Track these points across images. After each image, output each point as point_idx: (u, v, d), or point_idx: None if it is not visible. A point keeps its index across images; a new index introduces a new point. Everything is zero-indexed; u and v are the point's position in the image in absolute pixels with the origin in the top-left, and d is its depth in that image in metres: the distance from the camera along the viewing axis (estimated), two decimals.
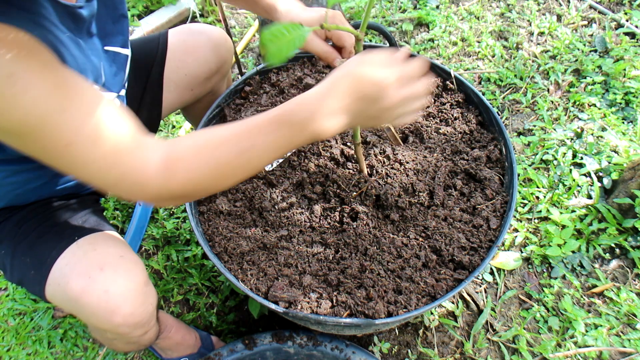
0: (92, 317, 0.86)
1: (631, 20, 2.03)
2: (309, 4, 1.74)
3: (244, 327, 1.41)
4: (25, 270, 0.90)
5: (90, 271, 0.84)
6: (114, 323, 0.85)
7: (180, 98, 1.23)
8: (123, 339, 0.94)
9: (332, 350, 1.08)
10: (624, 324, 1.33)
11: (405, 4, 2.22)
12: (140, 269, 0.90)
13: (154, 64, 1.16)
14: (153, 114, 1.21)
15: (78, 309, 0.86)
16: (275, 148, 0.70)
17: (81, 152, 0.64)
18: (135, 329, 0.89)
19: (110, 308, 0.84)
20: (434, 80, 1.23)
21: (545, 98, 1.83)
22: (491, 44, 2.02)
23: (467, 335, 1.35)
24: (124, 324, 0.86)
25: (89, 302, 0.83)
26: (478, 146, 1.13)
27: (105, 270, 0.85)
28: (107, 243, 0.91)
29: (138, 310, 0.87)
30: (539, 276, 1.44)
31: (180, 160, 0.69)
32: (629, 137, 1.67)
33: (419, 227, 1.01)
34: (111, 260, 0.87)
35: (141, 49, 1.15)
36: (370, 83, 0.67)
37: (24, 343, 1.44)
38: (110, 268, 0.85)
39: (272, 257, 0.98)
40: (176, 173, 0.68)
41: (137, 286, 0.87)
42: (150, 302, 0.91)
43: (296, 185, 1.09)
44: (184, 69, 1.17)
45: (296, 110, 0.69)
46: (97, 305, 0.83)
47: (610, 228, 1.45)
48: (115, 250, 0.90)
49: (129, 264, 0.88)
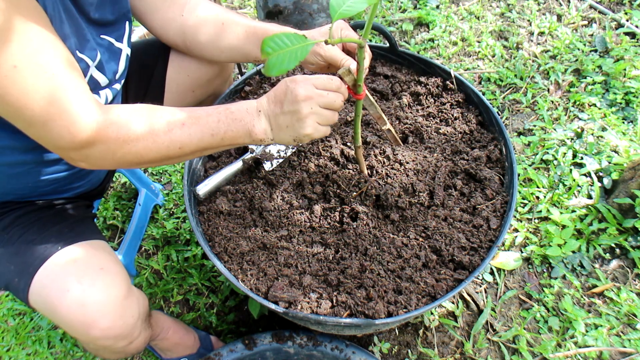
0: (70, 330, 0.86)
1: (631, 20, 2.03)
2: (309, 4, 1.74)
3: (244, 327, 1.41)
4: (10, 276, 0.90)
5: (68, 284, 0.84)
6: (91, 336, 0.85)
7: (181, 99, 1.23)
8: (107, 349, 0.94)
9: (332, 350, 1.08)
10: (624, 324, 1.33)
11: (405, 3, 2.21)
12: (120, 281, 0.89)
13: (157, 64, 1.16)
14: None
15: (57, 320, 0.86)
16: (211, 135, 0.80)
17: (25, 78, 0.65)
18: (117, 341, 0.88)
19: (87, 321, 0.83)
20: (434, 80, 1.23)
21: (546, 98, 1.83)
22: (491, 44, 2.02)
23: (467, 335, 1.35)
24: (103, 337, 0.86)
25: (66, 315, 0.83)
26: (478, 146, 1.13)
27: (83, 283, 0.84)
28: (89, 254, 0.90)
29: (117, 324, 0.86)
30: (539, 276, 1.44)
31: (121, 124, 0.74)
32: (629, 137, 1.67)
33: (419, 227, 1.01)
34: (90, 272, 0.86)
35: (145, 49, 1.15)
36: (288, 92, 0.80)
37: (24, 343, 1.44)
38: (88, 281, 0.85)
39: (272, 257, 0.98)
40: (115, 133, 0.74)
41: (116, 299, 0.86)
42: (130, 314, 0.90)
43: (296, 185, 1.09)
44: (187, 70, 1.17)
45: (235, 106, 0.82)
46: (74, 318, 0.83)
47: (610, 228, 1.45)
48: (96, 261, 0.89)
49: (108, 277, 0.87)
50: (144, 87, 1.17)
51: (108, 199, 1.70)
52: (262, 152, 1.12)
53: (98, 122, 0.72)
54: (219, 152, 1.18)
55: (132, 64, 1.12)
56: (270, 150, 1.13)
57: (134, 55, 1.06)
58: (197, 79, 1.20)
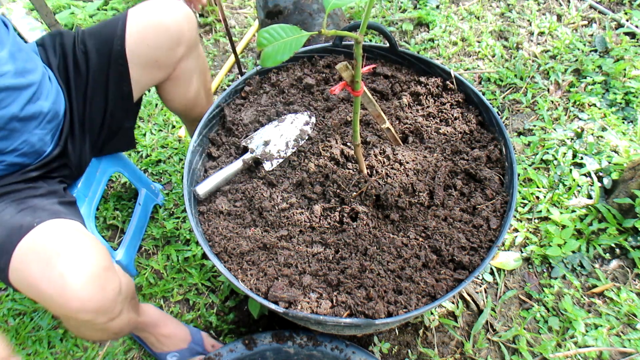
0: (50, 303, 0.85)
1: (631, 20, 2.03)
2: (309, 4, 1.74)
3: (244, 327, 1.41)
4: None
5: (48, 258, 0.84)
6: (71, 308, 0.84)
7: (148, 73, 1.21)
8: (87, 325, 0.93)
9: (332, 350, 1.08)
10: (624, 324, 1.33)
11: (405, 3, 2.21)
12: (100, 254, 0.89)
13: (115, 38, 1.15)
14: (123, 89, 1.19)
15: (38, 295, 0.86)
16: None
17: None
18: (97, 315, 0.88)
19: (67, 293, 0.83)
20: (434, 80, 1.23)
21: (546, 98, 1.83)
22: (491, 44, 2.02)
23: (467, 335, 1.35)
24: (83, 309, 0.85)
25: (47, 288, 0.83)
26: (478, 146, 1.13)
27: (62, 255, 0.84)
28: (66, 229, 0.90)
29: (97, 296, 0.86)
30: (539, 276, 1.44)
31: None
32: (629, 137, 1.67)
33: (419, 227, 1.01)
34: (69, 245, 0.86)
35: (103, 27, 1.16)
36: None
37: (24, 343, 1.44)
38: (68, 252, 0.85)
39: (272, 257, 0.98)
40: None
41: (96, 270, 0.86)
42: (111, 288, 0.89)
43: (296, 185, 1.09)
44: (146, 41, 1.16)
45: None
46: (53, 290, 0.83)
47: (610, 228, 1.45)
48: (74, 236, 0.89)
49: (88, 249, 0.87)
50: (105, 63, 1.16)
51: (108, 199, 1.70)
52: (262, 152, 1.12)
53: None
54: (219, 152, 1.18)
55: (91, 52, 1.14)
56: (270, 150, 1.13)
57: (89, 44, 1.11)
58: (157, 48, 1.17)
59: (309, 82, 1.25)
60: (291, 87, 1.25)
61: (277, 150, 1.13)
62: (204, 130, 1.16)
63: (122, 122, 1.25)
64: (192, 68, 1.29)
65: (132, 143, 1.34)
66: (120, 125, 1.25)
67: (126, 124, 1.27)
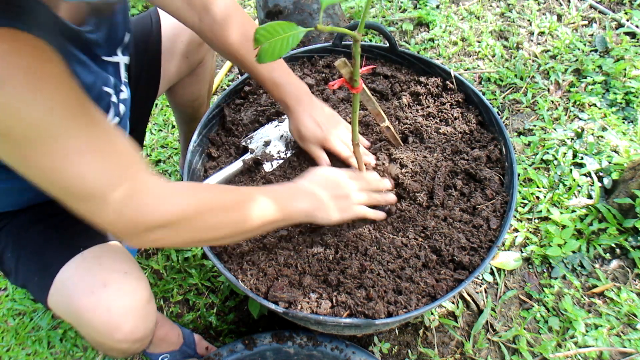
0: (93, 333, 0.86)
1: (631, 20, 2.03)
2: (309, 4, 1.74)
3: (244, 327, 1.41)
4: (30, 275, 0.90)
5: (93, 287, 0.84)
6: (115, 339, 0.85)
7: (177, 69, 1.23)
8: (119, 350, 0.94)
9: (332, 350, 1.08)
10: (624, 324, 1.33)
11: (405, 3, 2.21)
12: (143, 286, 0.89)
13: (151, 36, 1.16)
14: (150, 89, 1.21)
15: (79, 323, 0.86)
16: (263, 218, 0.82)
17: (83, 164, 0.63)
18: (135, 344, 0.89)
19: (113, 325, 0.84)
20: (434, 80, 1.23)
21: (546, 98, 1.83)
22: (491, 44, 2.02)
23: (467, 336, 1.35)
24: (125, 340, 0.86)
25: (92, 319, 0.83)
26: (478, 146, 1.13)
27: (108, 287, 0.84)
28: (112, 257, 0.90)
29: (139, 328, 0.87)
30: (539, 276, 1.44)
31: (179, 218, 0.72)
32: (630, 137, 1.67)
33: (419, 227, 1.01)
34: (115, 276, 0.86)
35: (135, 26, 1.16)
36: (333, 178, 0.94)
37: (24, 343, 1.43)
38: (114, 285, 0.85)
39: (272, 257, 0.98)
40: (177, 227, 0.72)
41: (140, 304, 0.87)
42: (151, 319, 0.91)
43: None
44: (180, 37, 1.18)
45: (281, 189, 0.88)
46: (99, 322, 0.83)
47: (610, 228, 1.45)
48: (120, 266, 0.89)
49: (132, 282, 0.88)
50: (141, 60, 1.16)
51: None
52: (262, 153, 1.12)
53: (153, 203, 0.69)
54: (218, 152, 1.18)
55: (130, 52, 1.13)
56: (270, 151, 1.13)
57: None
58: (189, 44, 1.20)
59: (309, 82, 1.25)
60: None
61: (277, 151, 1.13)
62: (203, 130, 1.16)
63: (137, 124, 1.25)
64: (210, 64, 1.33)
65: (141, 144, 1.34)
66: (134, 127, 1.24)
67: (140, 126, 1.27)
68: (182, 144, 1.64)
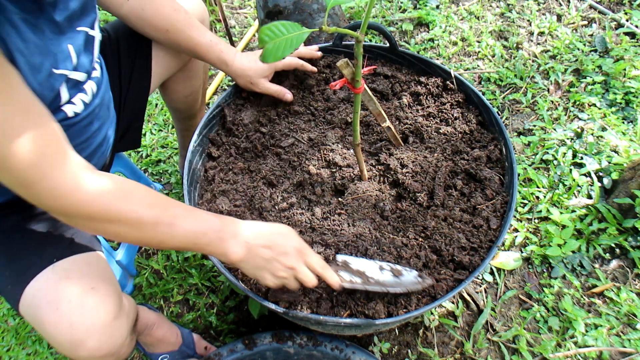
0: (57, 347, 0.85)
1: (631, 20, 2.03)
2: (309, 4, 1.74)
3: (244, 327, 1.41)
4: (4, 282, 0.89)
5: (58, 302, 0.83)
6: (80, 356, 0.84)
7: (167, 62, 1.22)
8: None
9: (332, 350, 1.08)
10: (624, 324, 1.33)
11: (405, 3, 2.21)
12: (110, 302, 0.87)
13: None
14: (143, 83, 1.20)
15: (45, 336, 0.86)
16: (193, 244, 0.79)
17: None
18: (104, 359, 0.88)
19: (75, 342, 0.83)
20: (434, 80, 1.23)
21: (545, 98, 1.83)
22: (491, 44, 2.02)
23: (467, 335, 1.35)
24: (91, 357, 0.85)
25: (55, 335, 0.83)
26: (478, 146, 1.13)
27: (72, 302, 0.83)
28: (83, 271, 0.89)
29: (105, 345, 0.85)
30: (539, 276, 1.44)
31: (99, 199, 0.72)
32: (629, 137, 1.67)
33: (419, 227, 1.01)
34: (81, 292, 0.85)
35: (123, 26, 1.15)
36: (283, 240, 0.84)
37: (24, 343, 1.44)
38: (78, 301, 0.84)
39: None
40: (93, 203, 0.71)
41: (104, 321, 0.85)
42: (119, 335, 0.89)
43: (296, 185, 1.09)
44: None
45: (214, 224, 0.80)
46: (62, 338, 0.82)
47: (610, 228, 1.45)
48: (88, 280, 0.87)
49: (98, 297, 0.86)
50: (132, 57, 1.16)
51: None
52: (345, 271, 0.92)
53: (81, 199, 0.70)
54: (218, 152, 1.18)
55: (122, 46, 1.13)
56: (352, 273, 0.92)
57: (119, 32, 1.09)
58: None
59: (310, 82, 1.25)
60: (292, 87, 1.25)
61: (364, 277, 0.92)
62: (204, 130, 1.16)
63: (132, 121, 1.25)
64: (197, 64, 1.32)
65: (138, 142, 1.34)
66: (130, 124, 1.24)
67: (135, 124, 1.27)
68: (180, 142, 1.64)
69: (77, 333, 0.82)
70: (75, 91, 0.89)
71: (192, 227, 0.78)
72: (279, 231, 0.86)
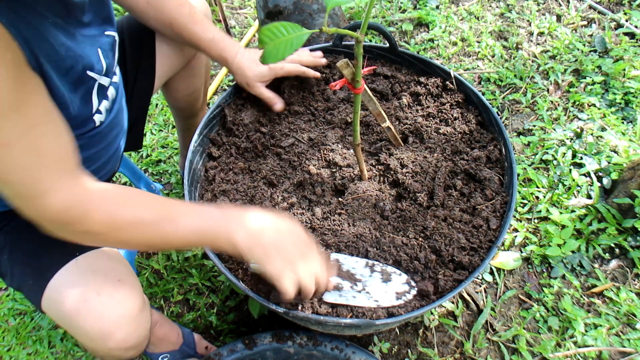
0: (85, 339, 0.86)
1: (631, 21, 2.03)
2: (309, 4, 1.74)
3: (244, 327, 1.41)
4: (25, 278, 0.89)
5: (86, 295, 0.84)
6: (108, 347, 0.85)
7: (170, 60, 1.22)
8: (115, 357, 0.94)
9: (332, 350, 1.08)
10: (623, 323, 1.33)
11: (405, 4, 2.22)
12: (136, 294, 0.89)
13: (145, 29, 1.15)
14: (147, 82, 1.21)
15: (72, 329, 0.86)
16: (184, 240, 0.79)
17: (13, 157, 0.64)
18: (128, 351, 0.89)
19: (105, 333, 0.84)
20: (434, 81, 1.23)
21: (545, 98, 1.83)
22: (491, 44, 2.02)
23: (467, 335, 1.35)
24: (117, 348, 0.86)
25: (84, 326, 0.83)
26: (478, 146, 1.13)
27: (101, 294, 0.84)
28: (106, 265, 0.90)
29: (132, 336, 0.87)
30: (539, 276, 1.44)
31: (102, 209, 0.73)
32: (629, 137, 1.67)
33: (419, 227, 1.01)
34: (109, 284, 0.86)
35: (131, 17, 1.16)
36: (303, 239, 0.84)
37: (25, 343, 1.44)
38: (107, 293, 0.85)
39: None
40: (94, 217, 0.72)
41: (132, 312, 0.87)
42: (144, 327, 0.90)
43: (297, 185, 1.09)
44: None
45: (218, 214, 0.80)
46: (91, 329, 0.83)
47: (610, 228, 1.46)
48: (114, 273, 0.89)
49: (125, 290, 0.87)
50: (137, 55, 1.16)
51: None
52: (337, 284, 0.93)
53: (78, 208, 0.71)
54: (219, 152, 1.18)
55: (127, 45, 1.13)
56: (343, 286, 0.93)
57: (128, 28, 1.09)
58: None
59: (310, 82, 1.26)
60: (292, 87, 1.25)
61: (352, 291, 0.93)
62: (204, 130, 1.16)
63: (136, 122, 1.25)
64: (205, 57, 1.33)
65: (140, 143, 1.34)
66: (133, 125, 1.24)
67: (138, 124, 1.27)
68: (181, 141, 1.64)
69: (107, 324, 0.84)
70: (101, 98, 0.90)
71: (197, 222, 0.78)
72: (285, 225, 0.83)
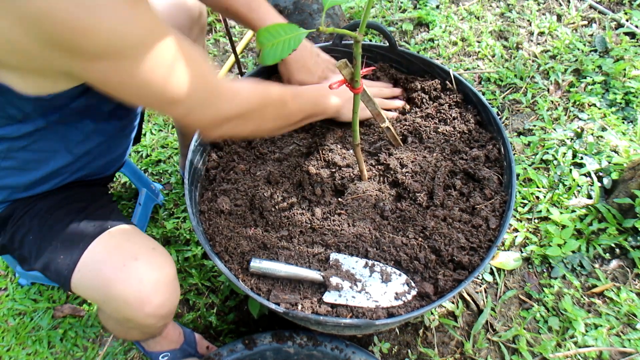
0: (123, 306, 0.86)
1: (631, 20, 2.03)
2: (309, 4, 1.74)
3: (244, 327, 1.41)
4: (55, 254, 0.90)
5: (125, 260, 0.85)
6: (144, 312, 0.86)
7: None
8: (143, 329, 0.95)
9: (332, 350, 1.08)
10: (624, 324, 1.33)
11: (405, 3, 2.22)
12: (170, 263, 0.92)
13: None
14: None
15: (107, 297, 0.86)
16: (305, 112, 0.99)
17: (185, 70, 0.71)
18: (160, 319, 0.90)
19: (144, 297, 0.85)
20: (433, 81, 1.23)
21: (545, 98, 1.83)
22: (491, 44, 2.02)
23: (467, 335, 1.35)
24: (153, 315, 0.87)
25: (122, 290, 0.84)
26: (477, 146, 1.13)
27: (139, 260, 0.86)
28: (139, 235, 0.94)
29: (167, 302, 0.88)
30: (539, 276, 1.44)
31: None
32: (629, 137, 1.67)
33: (419, 227, 1.01)
34: (145, 251, 0.89)
35: None
36: None
37: (24, 343, 1.44)
38: (144, 259, 0.87)
39: (272, 257, 0.98)
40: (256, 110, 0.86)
41: (168, 278, 0.89)
42: (176, 295, 0.92)
43: (296, 185, 1.09)
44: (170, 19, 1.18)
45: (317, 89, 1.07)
46: (130, 294, 0.84)
47: (610, 228, 1.45)
48: (147, 242, 0.92)
49: (161, 257, 0.90)
50: None
51: None
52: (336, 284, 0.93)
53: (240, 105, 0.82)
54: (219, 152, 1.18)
55: None
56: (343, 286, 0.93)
57: None
58: (179, 27, 1.19)
59: None
60: None
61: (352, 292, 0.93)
62: None
63: None
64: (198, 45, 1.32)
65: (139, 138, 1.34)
66: None
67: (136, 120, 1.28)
68: (180, 141, 1.64)
69: (147, 288, 0.85)
70: None
71: (309, 95, 1.01)
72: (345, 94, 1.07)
